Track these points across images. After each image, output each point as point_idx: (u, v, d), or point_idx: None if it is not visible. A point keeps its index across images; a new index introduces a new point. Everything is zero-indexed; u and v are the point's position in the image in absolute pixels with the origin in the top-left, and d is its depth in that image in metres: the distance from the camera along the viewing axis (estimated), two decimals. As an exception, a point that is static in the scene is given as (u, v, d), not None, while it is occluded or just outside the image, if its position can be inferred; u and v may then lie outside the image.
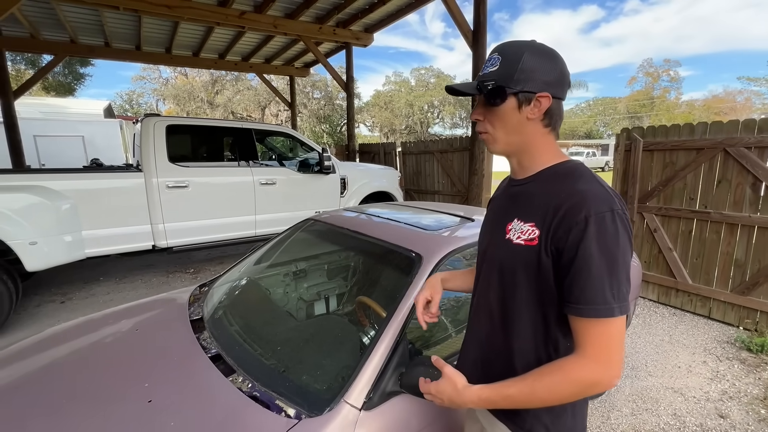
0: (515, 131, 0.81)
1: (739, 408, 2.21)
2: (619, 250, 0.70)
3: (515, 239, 0.80)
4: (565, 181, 0.78)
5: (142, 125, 3.81)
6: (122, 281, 4.46)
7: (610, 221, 0.70)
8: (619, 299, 0.70)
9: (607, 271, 0.69)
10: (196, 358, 1.37)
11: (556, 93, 0.79)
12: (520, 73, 0.77)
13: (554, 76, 0.78)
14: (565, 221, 0.72)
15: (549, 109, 0.79)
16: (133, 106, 32.41)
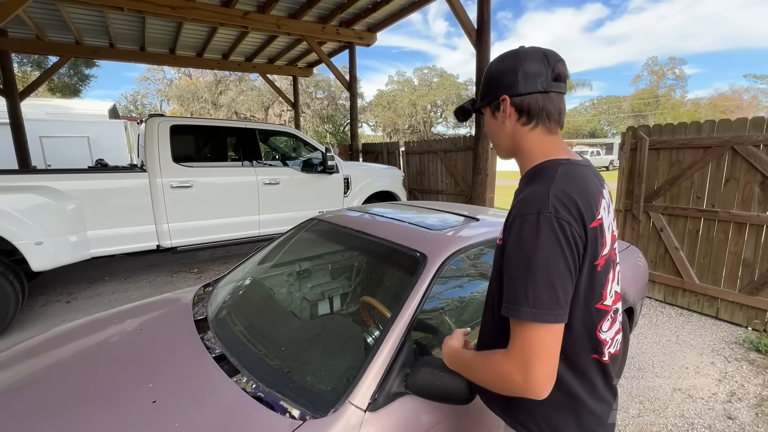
0: (500, 135, 0.88)
1: (747, 410, 2.18)
2: (538, 252, 0.69)
3: (498, 239, 0.85)
4: (527, 184, 0.81)
5: (146, 126, 3.82)
6: (127, 281, 4.48)
7: (532, 223, 0.71)
8: (534, 304, 0.69)
9: (523, 273, 0.70)
10: (201, 359, 1.36)
11: (511, 92, 0.81)
12: (486, 87, 0.86)
13: (508, 77, 0.81)
14: (507, 223, 0.78)
15: (518, 107, 0.82)
16: (137, 107, 32.59)
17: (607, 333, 0.83)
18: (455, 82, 36.07)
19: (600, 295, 0.79)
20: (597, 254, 0.76)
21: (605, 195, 0.84)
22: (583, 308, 0.78)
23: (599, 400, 0.85)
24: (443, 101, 36.09)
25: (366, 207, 2.38)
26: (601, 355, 0.83)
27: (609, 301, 0.82)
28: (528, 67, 0.80)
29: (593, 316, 0.80)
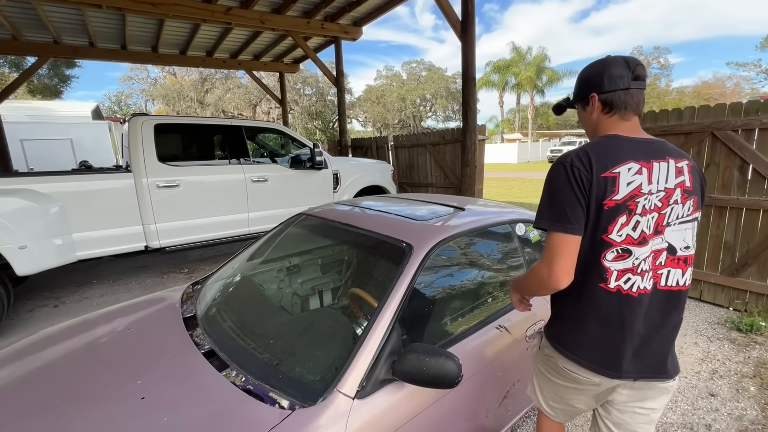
0: (587, 123, 1.17)
1: (729, 386, 2.26)
2: (553, 184, 1.03)
3: None
4: None
5: (129, 125, 3.76)
6: (116, 283, 4.43)
7: (555, 168, 1.04)
8: (551, 217, 1.01)
9: (546, 198, 1.05)
10: (189, 355, 1.37)
11: (599, 90, 1.08)
12: (578, 88, 1.16)
13: (596, 80, 1.09)
14: None
15: (602, 101, 1.09)
16: (121, 107, 31.96)
17: (612, 263, 1.02)
18: (444, 75, 36.03)
19: (605, 229, 1.00)
20: (605, 196, 0.99)
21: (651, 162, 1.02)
22: (591, 235, 1.02)
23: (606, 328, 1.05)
24: (432, 95, 36.04)
25: (354, 200, 2.38)
26: (606, 282, 1.03)
27: (615, 236, 1.01)
28: (612, 71, 1.06)
29: (598, 244, 1.02)
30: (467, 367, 1.40)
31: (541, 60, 32.02)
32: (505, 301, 1.73)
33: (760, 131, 2.92)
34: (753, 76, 33.62)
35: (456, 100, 35.10)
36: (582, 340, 1.09)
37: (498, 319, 1.59)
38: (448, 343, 1.41)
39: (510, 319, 1.62)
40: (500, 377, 1.54)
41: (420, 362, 1.11)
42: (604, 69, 1.08)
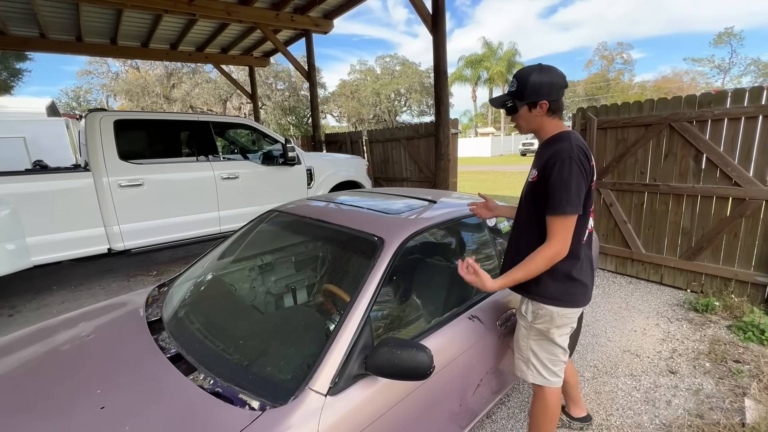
0: (530, 122, 1.40)
1: (687, 363, 2.39)
2: (572, 177, 1.25)
3: (529, 179, 1.42)
4: (552, 144, 1.34)
5: (86, 121, 3.55)
6: (78, 289, 4.20)
7: (567, 162, 1.25)
8: (569, 204, 1.25)
9: (564, 188, 1.25)
10: (154, 360, 1.31)
11: (551, 98, 1.33)
12: (529, 92, 1.32)
13: (550, 87, 1.32)
14: (547, 165, 1.30)
15: (549, 107, 1.34)
16: (80, 104, 30.21)
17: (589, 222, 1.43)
18: (417, 70, 36.12)
19: (591, 203, 1.38)
20: (592, 180, 1.34)
21: None
22: (584, 209, 1.32)
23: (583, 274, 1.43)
24: (406, 89, 36.08)
25: (328, 195, 2.35)
26: (584, 238, 1.41)
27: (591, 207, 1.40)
28: (555, 82, 1.33)
29: (587, 214, 1.38)
30: (440, 358, 1.41)
31: (511, 55, 32.67)
32: (478, 292, 1.76)
33: (712, 122, 3.09)
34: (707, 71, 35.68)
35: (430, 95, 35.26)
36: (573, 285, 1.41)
37: (470, 309, 1.61)
38: (421, 335, 1.42)
39: (483, 308, 1.65)
40: (474, 366, 1.56)
41: (392, 355, 1.11)
42: (551, 80, 1.32)
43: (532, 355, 1.51)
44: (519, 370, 1.58)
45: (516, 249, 1.46)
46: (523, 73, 1.34)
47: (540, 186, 1.33)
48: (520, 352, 1.56)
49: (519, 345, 1.56)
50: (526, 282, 1.38)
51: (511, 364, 1.81)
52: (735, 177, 3.02)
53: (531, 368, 1.53)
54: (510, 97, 1.36)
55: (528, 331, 1.50)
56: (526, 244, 1.38)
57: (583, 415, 1.88)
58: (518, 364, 1.58)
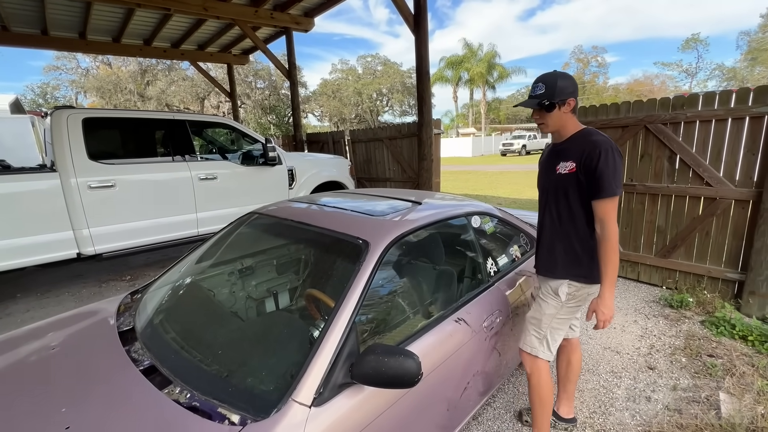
0: (557, 120, 1.52)
1: (664, 359, 2.46)
2: (618, 164, 1.42)
3: (563, 171, 1.52)
4: (587, 137, 1.49)
5: (52, 119, 3.36)
6: (45, 296, 3.98)
7: (612, 151, 1.41)
8: (619, 187, 1.42)
9: (614, 174, 1.40)
10: (125, 373, 1.23)
11: (575, 96, 1.50)
12: (558, 91, 1.46)
13: (573, 88, 1.50)
14: (590, 155, 1.43)
15: (574, 103, 1.50)
16: (47, 100, 28.83)
17: None
18: (399, 70, 36.18)
19: None
20: None
21: None
22: None
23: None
24: (388, 89, 36.08)
25: (310, 197, 2.29)
26: None
27: None
28: (575, 84, 1.51)
29: None
30: (427, 363, 1.39)
31: (491, 56, 33.14)
32: (462, 294, 1.75)
33: (685, 124, 3.19)
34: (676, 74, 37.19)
35: (412, 95, 35.40)
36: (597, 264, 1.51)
37: (456, 312, 1.59)
38: (408, 340, 1.39)
39: (469, 311, 1.64)
40: (461, 370, 1.54)
41: (379, 363, 1.08)
42: (573, 83, 1.51)
43: (550, 333, 1.61)
44: (529, 346, 1.65)
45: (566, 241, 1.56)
46: (549, 78, 1.49)
47: (582, 174, 1.45)
48: (539, 329, 1.63)
49: (541, 323, 1.63)
50: (568, 265, 1.55)
51: (498, 365, 1.81)
52: (706, 177, 3.13)
53: (544, 344, 1.62)
54: (544, 98, 1.47)
55: (557, 311, 1.60)
56: (575, 232, 1.53)
57: (570, 416, 1.90)
58: (530, 340, 1.65)
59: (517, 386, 2.24)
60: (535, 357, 1.63)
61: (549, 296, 1.62)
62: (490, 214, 2.14)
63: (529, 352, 1.65)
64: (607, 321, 1.51)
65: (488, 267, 1.90)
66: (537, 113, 1.53)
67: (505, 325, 1.81)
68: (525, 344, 1.67)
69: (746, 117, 2.88)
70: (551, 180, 1.57)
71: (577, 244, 1.54)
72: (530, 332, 1.65)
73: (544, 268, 1.66)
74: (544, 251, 1.66)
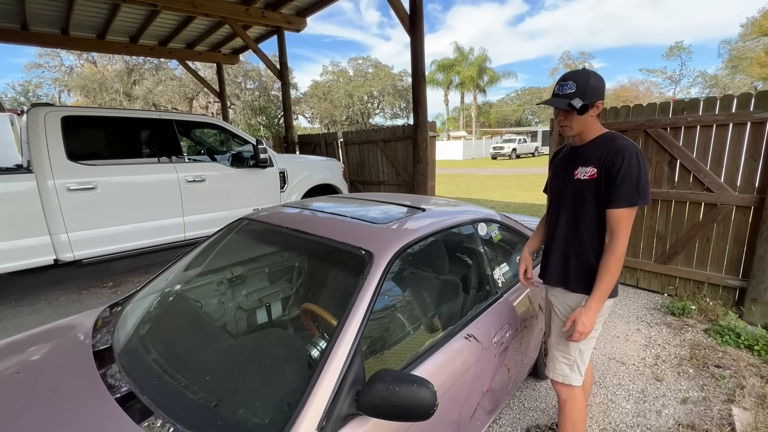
0: (583, 123, 1.39)
1: (671, 370, 2.39)
2: (642, 170, 1.30)
3: (582, 177, 1.40)
4: (611, 141, 1.37)
5: (28, 117, 3.16)
6: (20, 304, 3.75)
7: (638, 157, 1.31)
8: (643, 196, 1.31)
9: (639, 182, 1.30)
10: (98, 403, 1.09)
11: (603, 98, 1.38)
12: (590, 92, 1.33)
13: (603, 89, 1.38)
14: (614, 160, 1.32)
15: (599, 106, 1.37)
16: (29, 99, 28.04)
17: None
18: (390, 72, 36.23)
19: None
20: None
21: None
22: None
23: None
24: (379, 92, 36.07)
25: (304, 202, 2.16)
26: None
27: None
28: (604, 86, 1.38)
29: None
30: (439, 387, 1.27)
31: (482, 60, 33.39)
32: (470, 308, 1.64)
33: (686, 129, 3.16)
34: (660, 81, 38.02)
35: (403, 98, 35.47)
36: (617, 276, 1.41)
37: (466, 328, 1.48)
38: (416, 362, 1.27)
39: (478, 326, 1.53)
40: (470, 390, 1.43)
41: (389, 392, 0.96)
42: (603, 84, 1.38)
43: (579, 355, 1.48)
44: (561, 375, 1.51)
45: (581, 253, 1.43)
46: (580, 76, 1.35)
47: (602, 181, 1.34)
48: (567, 355, 1.50)
49: (568, 349, 1.49)
50: (584, 279, 1.42)
51: (507, 382, 1.71)
52: (707, 183, 3.09)
53: (575, 370, 1.49)
54: (575, 97, 1.34)
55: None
56: (591, 243, 1.41)
57: None
58: (561, 369, 1.51)
59: (522, 401, 2.14)
60: (569, 385, 1.51)
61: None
62: (493, 220, 2.04)
63: (561, 382, 1.52)
64: (585, 334, 1.39)
65: (496, 277, 1.79)
66: (563, 114, 1.39)
67: (515, 340, 1.71)
68: (556, 374, 1.53)
69: (748, 122, 2.85)
70: (568, 185, 1.45)
71: (592, 256, 1.41)
72: (559, 360, 1.52)
73: (557, 279, 1.52)
74: (556, 260, 1.52)
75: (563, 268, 1.49)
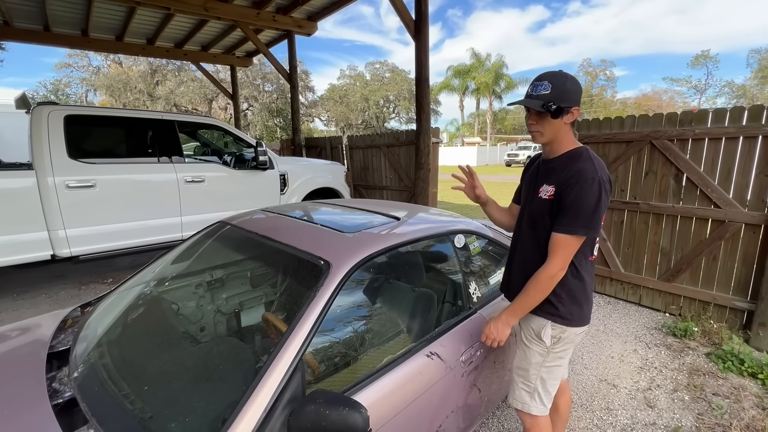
0: (556, 130, 1.27)
1: (665, 396, 2.25)
2: (598, 200, 1.19)
3: (544, 196, 1.30)
4: (574, 161, 1.26)
5: (32, 115, 3.24)
6: (22, 297, 3.85)
7: (593, 184, 1.19)
8: (587, 226, 1.20)
9: (585, 210, 1.19)
10: (34, 409, 1.07)
11: (579, 105, 1.27)
12: (566, 96, 1.22)
13: (579, 95, 1.27)
14: (568, 183, 1.22)
15: (574, 114, 1.27)
16: (59, 97, 29.13)
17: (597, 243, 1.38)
18: (407, 77, 36.24)
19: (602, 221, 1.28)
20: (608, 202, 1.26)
21: None
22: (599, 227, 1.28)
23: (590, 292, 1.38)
24: (395, 96, 36.13)
25: (285, 206, 2.14)
26: (593, 255, 1.36)
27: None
28: (581, 91, 1.29)
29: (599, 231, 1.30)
30: (390, 407, 1.21)
31: (499, 67, 33.12)
32: (435, 324, 1.57)
33: (693, 141, 3.01)
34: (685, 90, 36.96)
35: (418, 103, 35.34)
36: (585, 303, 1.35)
37: (429, 345, 1.42)
38: (367, 380, 1.21)
39: (444, 343, 1.46)
40: (432, 411, 1.36)
41: (319, 416, 0.91)
42: (580, 90, 1.27)
43: (541, 384, 1.40)
44: (520, 402, 1.44)
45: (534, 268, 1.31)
46: (557, 78, 1.23)
47: (556, 202, 1.25)
48: (527, 382, 1.42)
49: (528, 375, 1.41)
50: (547, 304, 1.32)
51: (477, 403, 1.63)
52: (715, 198, 2.93)
53: (536, 399, 1.41)
54: (549, 99, 1.21)
55: (543, 358, 1.38)
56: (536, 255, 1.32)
57: None
58: (520, 395, 1.44)
59: (502, 421, 2.05)
60: (531, 414, 1.42)
61: (533, 341, 1.39)
62: (478, 233, 1.97)
63: (520, 409, 1.44)
64: (493, 341, 1.36)
65: (471, 292, 1.72)
66: (535, 117, 1.27)
67: (487, 358, 1.63)
68: (515, 399, 1.45)
69: (759, 136, 2.70)
70: (532, 201, 1.35)
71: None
72: (519, 385, 1.44)
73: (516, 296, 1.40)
74: (517, 277, 1.40)
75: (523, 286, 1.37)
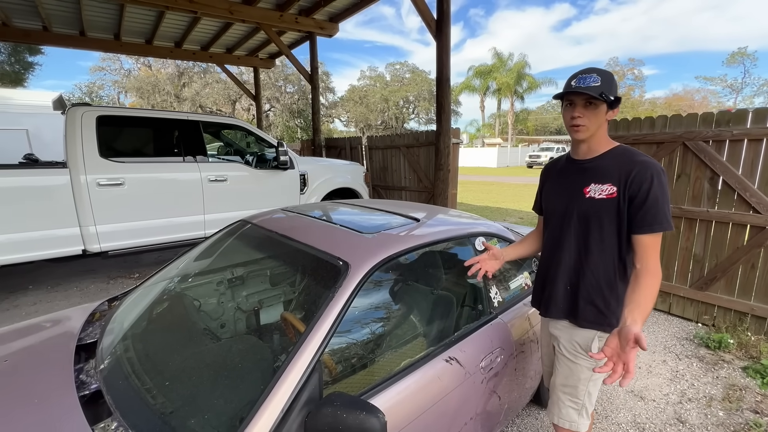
0: (599, 124, 1.21)
1: (698, 411, 2.14)
2: (668, 193, 1.16)
3: (599, 195, 1.22)
4: (630, 157, 1.21)
5: (67, 116, 3.39)
6: (55, 289, 4.03)
7: (663, 175, 1.16)
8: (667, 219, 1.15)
9: (666, 203, 1.15)
10: (62, 399, 1.10)
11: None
12: (615, 90, 1.17)
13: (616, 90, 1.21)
14: (639, 179, 1.15)
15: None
16: (93, 99, 30.52)
17: None
18: (427, 78, 36.11)
19: None
20: None
21: None
22: None
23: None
24: (415, 97, 36.06)
25: (304, 206, 2.14)
26: None
27: None
28: None
29: None
30: (407, 412, 1.19)
31: (521, 67, 32.50)
32: (459, 327, 1.54)
33: (730, 143, 2.85)
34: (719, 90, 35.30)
35: (438, 103, 35.13)
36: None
37: (448, 350, 1.39)
38: (383, 384, 1.19)
39: (463, 348, 1.42)
40: (449, 418, 1.33)
41: (336, 419, 0.89)
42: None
43: (588, 398, 1.34)
44: (567, 420, 1.36)
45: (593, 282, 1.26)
46: (604, 72, 1.18)
47: (625, 201, 1.18)
48: (575, 399, 1.34)
49: (576, 392, 1.34)
50: (593, 314, 1.27)
51: (497, 411, 1.58)
52: (754, 203, 2.77)
53: (584, 415, 1.34)
54: (602, 90, 1.14)
55: (592, 372, 1.29)
56: (605, 271, 1.25)
57: None
58: (567, 414, 1.36)
59: (522, 430, 1.99)
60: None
61: (579, 356, 1.31)
62: (500, 236, 1.92)
63: (568, 428, 1.37)
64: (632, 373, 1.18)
65: (492, 296, 1.68)
66: (582, 109, 1.18)
67: (508, 365, 1.59)
68: (562, 419, 1.38)
69: (805, 137, 2.53)
70: (576, 204, 1.27)
71: (605, 286, 1.25)
72: (565, 404, 1.36)
73: (563, 312, 1.34)
74: (561, 290, 1.33)
75: (571, 300, 1.32)
